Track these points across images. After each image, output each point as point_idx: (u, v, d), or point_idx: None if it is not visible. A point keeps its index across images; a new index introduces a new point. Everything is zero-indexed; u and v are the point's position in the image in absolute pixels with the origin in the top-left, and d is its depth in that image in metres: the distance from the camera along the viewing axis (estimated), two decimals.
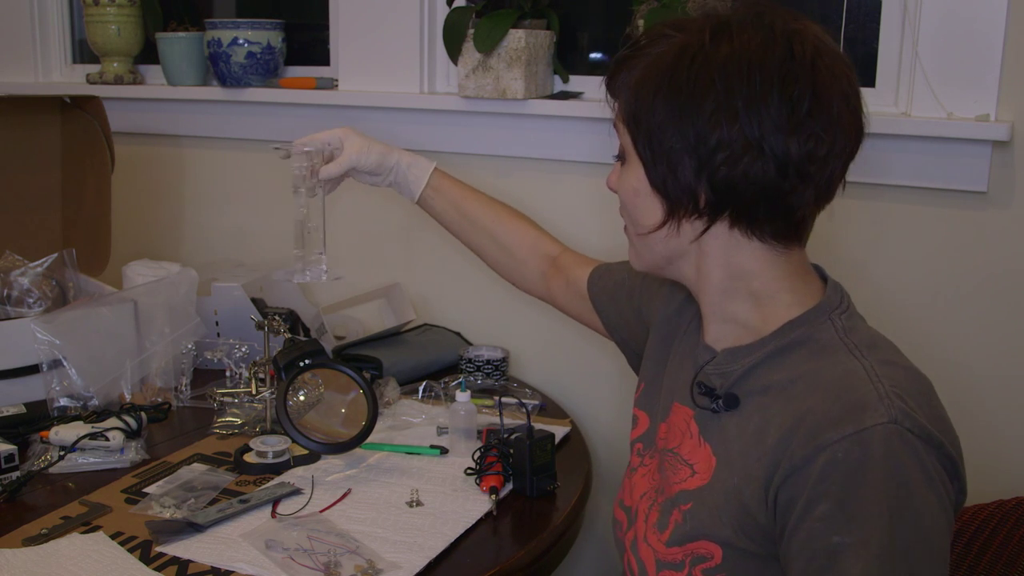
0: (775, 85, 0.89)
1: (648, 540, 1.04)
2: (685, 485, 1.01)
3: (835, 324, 0.96)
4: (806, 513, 0.87)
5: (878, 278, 1.72)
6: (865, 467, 0.85)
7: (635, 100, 0.95)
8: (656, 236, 0.99)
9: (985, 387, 1.66)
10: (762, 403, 0.96)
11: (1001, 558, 1.35)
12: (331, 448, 1.45)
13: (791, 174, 0.91)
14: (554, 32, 1.94)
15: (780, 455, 0.90)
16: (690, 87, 0.91)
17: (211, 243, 2.39)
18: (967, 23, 1.58)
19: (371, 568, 1.18)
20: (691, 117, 0.91)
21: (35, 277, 1.79)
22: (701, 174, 0.92)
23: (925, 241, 1.68)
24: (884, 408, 0.87)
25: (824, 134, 0.91)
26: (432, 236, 2.12)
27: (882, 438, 0.85)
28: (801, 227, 0.98)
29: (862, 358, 0.92)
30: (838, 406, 0.88)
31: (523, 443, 1.39)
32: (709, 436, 1.01)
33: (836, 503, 0.85)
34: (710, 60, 0.91)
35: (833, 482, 0.85)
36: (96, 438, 1.46)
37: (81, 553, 1.21)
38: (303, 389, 1.58)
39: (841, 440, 0.86)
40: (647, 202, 0.98)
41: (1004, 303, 1.64)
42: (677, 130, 0.92)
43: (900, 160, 1.66)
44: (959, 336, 1.67)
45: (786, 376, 0.95)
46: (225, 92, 2.22)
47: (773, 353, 0.97)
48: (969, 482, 0.94)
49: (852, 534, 0.84)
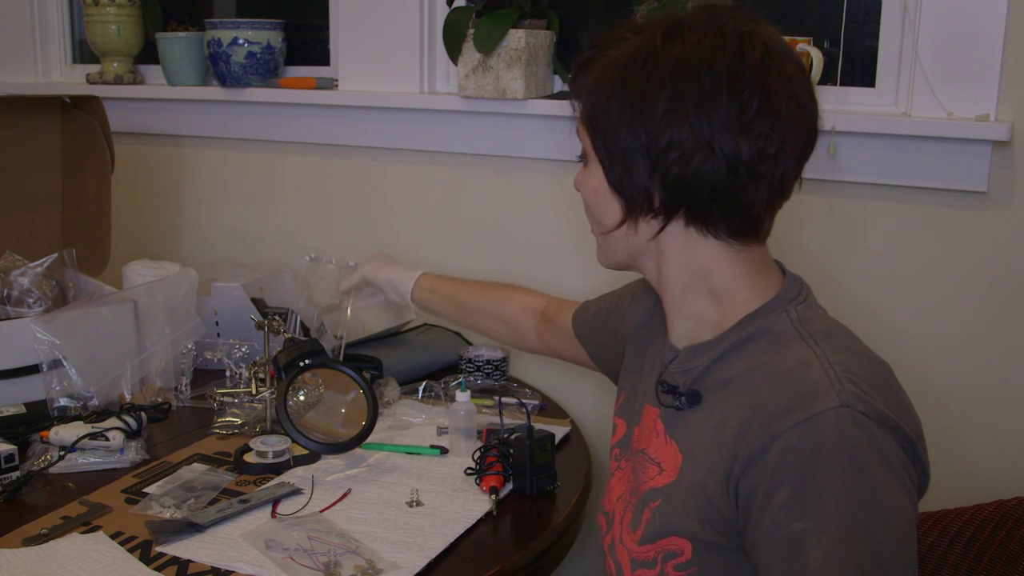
0: (724, 85, 0.91)
1: (623, 541, 1.05)
2: (653, 483, 1.02)
3: (790, 315, 0.98)
4: (766, 502, 0.88)
5: (878, 278, 1.72)
6: (818, 452, 0.85)
7: (592, 102, 0.98)
8: (616, 235, 1.02)
9: (985, 387, 1.66)
10: (722, 397, 0.97)
11: (1001, 558, 1.35)
12: (331, 448, 1.45)
13: (742, 173, 0.92)
14: (554, 32, 1.94)
15: (738, 446, 0.91)
16: (642, 88, 0.93)
17: (211, 243, 2.39)
18: (967, 23, 1.58)
19: (371, 568, 1.18)
20: (643, 118, 0.93)
21: (35, 277, 1.79)
22: (654, 174, 0.94)
23: (925, 241, 1.68)
24: (835, 393, 0.87)
25: (774, 133, 0.92)
26: (432, 236, 2.12)
27: (833, 422, 0.86)
28: (757, 225, 0.99)
29: (815, 346, 0.93)
30: (791, 394, 0.89)
31: (523, 443, 1.39)
32: (675, 434, 1.02)
33: (794, 490, 0.86)
34: (661, 61, 0.92)
35: (789, 469, 0.86)
36: (96, 438, 1.46)
37: (81, 553, 1.21)
38: (303, 389, 1.58)
39: (794, 427, 0.87)
40: (606, 201, 1.01)
41: (1004, 303, 1.64)
42: (630, 131, 0.94)
43: (900, 160, 1.66)
44: (959, 336, 1.67)
45: (743, 369, 0.96)
46: (225, 92, 2.22)
47: (731, 347, 0.98)
48: (968, 482, 0.94)
49: (812, 520, 0.85)
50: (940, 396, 1.69)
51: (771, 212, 0.99)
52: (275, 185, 2.29)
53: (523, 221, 2.00)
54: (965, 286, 1.66)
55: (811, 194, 1.73)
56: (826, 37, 1.79)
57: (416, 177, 2.11)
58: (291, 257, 2.28)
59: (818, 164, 1.71)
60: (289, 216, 2.29)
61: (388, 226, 2.16)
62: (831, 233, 1.74)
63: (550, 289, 1.97)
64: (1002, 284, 1.63)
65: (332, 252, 2.24)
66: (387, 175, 2.15)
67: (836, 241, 1.74)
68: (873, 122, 1.66)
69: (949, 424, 1.69)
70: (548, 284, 1.98)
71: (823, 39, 1.78)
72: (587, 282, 1.91)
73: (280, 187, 2.29)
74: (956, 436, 1.69)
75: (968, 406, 1.68)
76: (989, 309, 1.65)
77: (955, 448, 1.69)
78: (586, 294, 1.43)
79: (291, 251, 2.29)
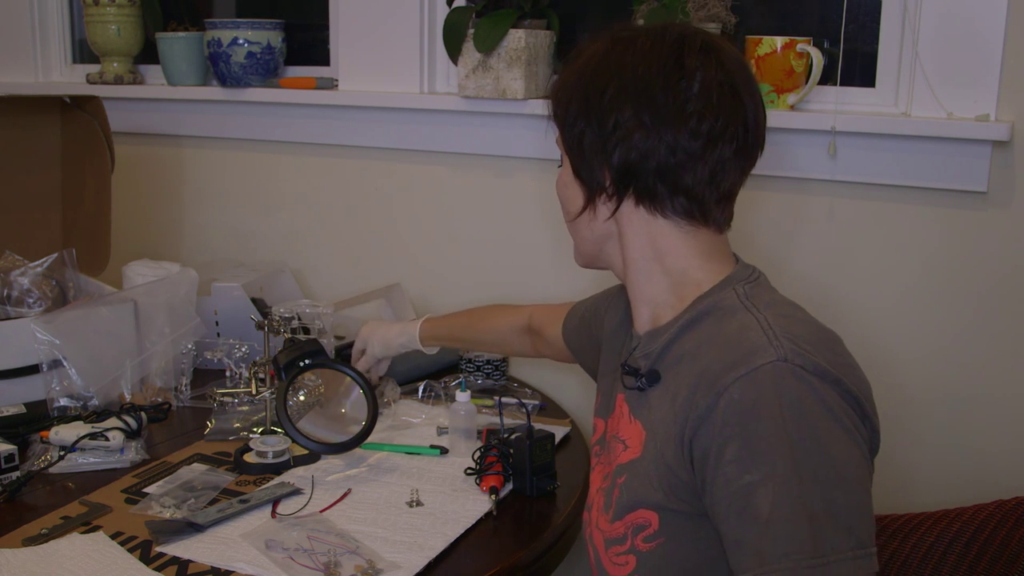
0: (661, 73, 1.01)
1: (599, 525, 1.08)
2: (619, 459, 1.06)
3: (737, 292, 1.03)
4: (718, 460, 0.91)
5: (878, 278, 1.72)
6: (759, 403, 0.89)
7: (556, 99, 1.09)
8: (581, 221, 1.10)
9: (985, 387, 1.66)
10: (677, 371, 1.01)
11: (1001, 558, 1.35)
12: (331, 448, 1.45)
13: (679, 151, 1.01)
14: (554, 32, 1.94)
15: (688, 410, 0.95)
16: (593, 81, 1.04)
17: (211, 243, 2.39)
18: (967, 23, 1.58)
19: (371, 568, 1.18)
20: (595, 104, 1.03)
21: (35, 277, 1.79)
22: (603, 155, 1.04)
23: (925, 241, 1.68)
24: (773, 349, 0.92)
25: (707, 115, 1.00)
26: (432, 236, 2.12)
27: (771, 374, 0.90)
28: (703, 207, 1.04)
29: (757, 313, 0.98)
30: (731, 354, 0.94)
31: (523, 443, 1.39)
32: (638, 413, 1.06)
33: (740, 443, 0.89)
34: (611, 60, 1.04)
35: (735, 424, 0.90)
36: (96, 438, 1.46)
37: (81, 553, 1.21)
38: (303, 389, 1.58)
39: (735, 382, 0.91)
40: (572, 191, 1.10)
41: (1004, 303, 1.64)
42: (584, 118, 1.04)
43: (900, 160, 1.66)
44: (959, 336, 1.67)
45: (694, 343, 1.01)
46: (225, 92, 2.22)
47: (685, 325, 1.03)
48: (968, 483, 0.94)
49: (759, 470, 0.88)
50: (940, 396, 1.69)
51: (718, 197, 1.04)
52: (275, 185, 2.29)
53: (523, 221, 2.00)
54: (965, 286, 1.66)
55: (811, 194, 1.73)
56: (826, 37, 1.79)
57: (416, 177, 2.11)
58: (291, 257, 2.28)
59: (818, 164, 1.71)
60: (289, 216, 2.29)
61: (388, 226, 2.16)
62: (831, 233, 1.74)
63: (550, 289, 1.98)
64: (1002, 284, 1.63)
65: (332, 252, 2.24)
66: (387, 175, 2.15)
67: (836, 241, 1.74)
68: (873, 122, 1.66)
69: (949, 424, 1.69)
70: (547, 284, 1.99)
71: (823, 39, 1.78)
72: (586, 282, 1.91)
73: (280, 187, 2.29)
74: (955, 436, 1.69)
75: (968, 406, 1.68)
76: (989, 309, 1.65)
77: (955, 448, 1.69)
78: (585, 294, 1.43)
79: (291, 251, 2.29)
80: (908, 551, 1.40)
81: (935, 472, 1.71)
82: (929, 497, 1.66)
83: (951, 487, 1.68)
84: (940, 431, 1.71)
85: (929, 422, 1.71)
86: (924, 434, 1.71)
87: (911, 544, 1.40)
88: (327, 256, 2.25)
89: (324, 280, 2.26)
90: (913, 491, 1.72)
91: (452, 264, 2.10)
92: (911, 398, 1.71)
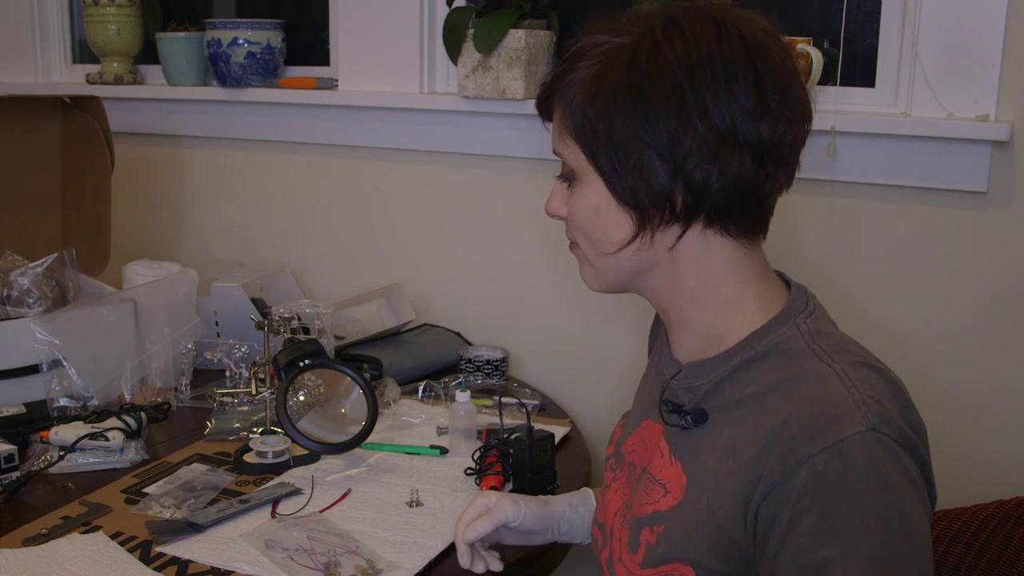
0: (739, 72, 0.88)
1: (623, 560, 1.03)
2: (658, 506, 0.99)
3: (800, 330, 0.94)
4: (790, 529, 0.85)
5: (878, 278, 1.72)
6: (847, 478, 0.83)
7: (590, 113, 0.92)
8: (626, 252, 0.96)
9: (985, 388, 1.66)
10: (733, 418, 0.93)
11: (1001, 558, 1.36)
12: (331, 448, 1.45)
13: (767, 160, 0.90)
14: (554, 32, 1.94)
15: (759, 471, 0.88)
16: (653, 88, 0.88)
17: (211, 243, 2.39)
18: (967, 23, 1.58)
19: (371, 568, 1.18)
20: (660, 119, 0.88)
21: (35, 277, 1.79)
22: (676, 177, 0.90)
23: (925, 241, 1.68)
24: (861, 415, 0.85)
25: (790, 115, 0.91)
26: (432, 236, 2.12)
27: (862, 446, 0.83)
28: (768, 217, 0.97)
29: (833, 363, 0.90)
30: (814, 417, 0.86)
31: (523, 443, 1.39)
32: (679, 454, 0.98)
33: (821, 516, 0.83)
34: (668, 57, 0.89)
35: (816, 496, 0.84)
36: (96, 438, 1.46)
37: (81, 553, 1.21)
38: (303, 389, 1.58)
39: (821, 452, 0.84)
40: (612, 218, 0.94)
41: (1004, 303, 1.64)
42: (647, 135, 0.89)
43: (900, 160, 1.66)
44: (959, 336, 1.67)
45: (756, 389, 0.92)
46: (225, 92, 2.22)
47: (740, 365, 0.95)
48: (968, 483, 0.94)
49: (839, 547, 0.83)
50: (940, 396, 1.69)
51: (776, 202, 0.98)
52: (275, 185, 2.29)
53: (523, 222, 2.00)
54: (965, 286, 1.66)
55: (811, 194, 1.73)
56: (826, 37, 1.79)
57: (416, 177, 2.11)
58: (291, 257, 2.28)
59: (818, 164, 1.70)
60: (289, 216, 2.29)
61: (388, 226, 2.16)
62: (831, 233, 1.74)
63: (549, 289, 1.98)
64: (1002, 284, 1.63)
65: (332, 252, 2.24)
66: (387, 175, 2.15)
67: (836, 241, 1.74)
68: (873, 122, 1.66)
69: (949, 424, 1.69)
70: (547, 284, 1.99)
71: (823, 39, 1.78)
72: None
73: (280, 187, 2.29)
74: (955, 436, 1.69)
75: (968, 406, 1.68)
76: (989, 309, 1.65)
77: (955, 448, 1.69)
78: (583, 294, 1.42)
79: (291, 251, 2.29)
80: None
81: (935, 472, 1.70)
82: None
83: (951, 487, 1.67)
84: (939, 431, 1.70)
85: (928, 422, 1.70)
86: None
87: None
88: (327, 256, 2.25)
89: (324, 280, 2.26)
90: None
91: (452, 264, 2.10)
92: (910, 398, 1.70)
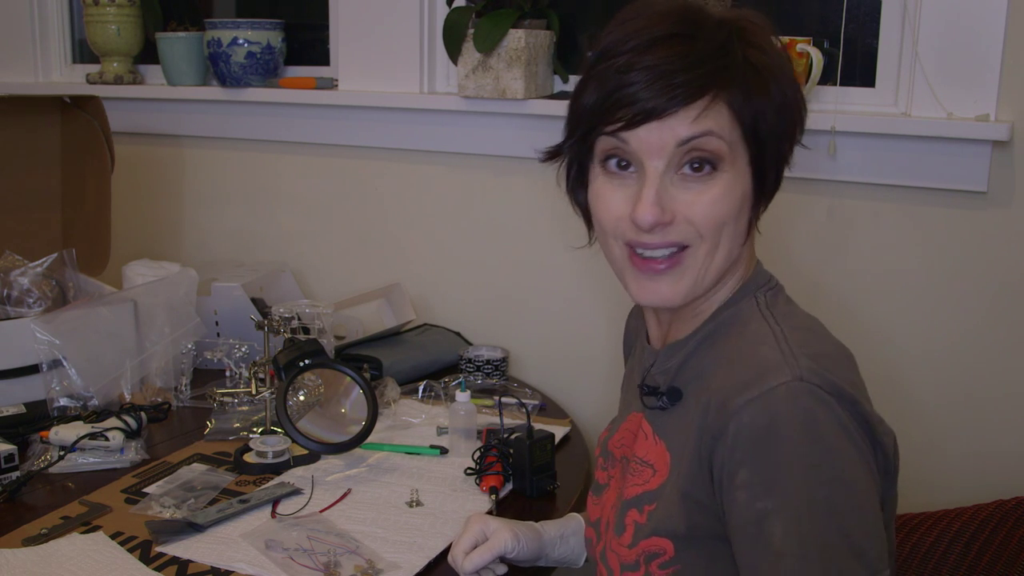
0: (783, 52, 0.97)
1: (612, 547, 1.04)
2: (648, 486, 1.00)
3: (758, 301, 0.97)
4: (730, 484, 0.87)
5: (878, 278, 1.72)
6: (773, 428, 0.84)
7: (775, 115, 0.94)
8: (746, 244, 0.98)
9: (985, 387, 1.66)
10: (699, 387, 0.96)
11: (1001, 558, 1.35)
12: (331, 448, 1.45)
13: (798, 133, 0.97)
14: (554, 32, 1.94)
15: (703, 430, 0.91)
16: (769, 66, 0.93)
17: (211, 243, 2.39)
18: (967, 23, 1.58)
19: (371, 568, 1.18)
20: (789, 97, 0.94)
21: (35, 277, 1.79)
22: (790, 142, 0.96)
23: (925, 241, 1.68)
24: (788, 367, 0.86)
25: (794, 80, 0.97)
26: (432, 236, 2.12)
27: (786, 395, 0.84)
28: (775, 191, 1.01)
29: (774, 324, 0.93)
30: (744, 370, 0.88)
31: (523, 443, 1.39)
32: (662, 433, 1.01)
33: (752, 469, 0.85)
34: (762, 39, 0.94)
35: (746, 448, 0.85)
36: (96, 438, 1.46)
37: (81, 553, 1.21)
38: (303, 389, 1.58)
39: (747, 404, 0.85)
40: (743, 207, 0.94)
41: (1004, 303, 1.64)
42: (789, 116, 0.95)
43: (900, 160, 1.66)
44: (959, 336, 1.67)
45: (714, 358, 0.96)
46: (225, 92, 2.22)
47: (704, 339, 0.98)
48: (968, 483, 0.93)
49: (773, 498, 0.84)
50: (939, 396, 1.69)
51: None
52: (275, 185, 2.29)
53: (523, 222, 2.00)
54: (965, 286, 1.66)
55: (811, 194, 1.73)
56: (826, 37, 1.79)
57: (416, 177, 2.11)
58: (291, 257, 2.28)
59: (818, 164, 1.70)
60: (289, 216, 2.29)
61: (388, 226, 2.16)
62: (831, 233, 1.74)
63: (549, 289, 1.98)
64: (1002, 284, 1.63)
65: (332, 252, 2.24)
66: (387, 175, 2.15)
67: (836, 241, 1.74)
68: (873, 122, 1.66)
69: (948, 424, 1.69)
70: (547, 284, 1.99)
71: (823, 39, 1.78)
72: (584, 283, 1.92)
73: (280, 187, 2.29)
74: (955, 436, 1.69)
75: (968, 406, 1.68)
76: (989, 309, 1.65)
77: (954, 448, 1.69)
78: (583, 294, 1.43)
79: (291, 251, 2.29)
80: (908, 551, 1.40)
81: (935, 472, 1.70)
82: (929, 497, 1.66)
83: (951, 487, 1.68)
84: (939, 431, 1.71)
85: (928, 422, 1.71)
86: (923, 434, 1.70)
87: (911, 544, 1.40)
88: (327, 256, 2.25)
89: (324, 280, 2.26)
90: (913, 491, 1.72)
91: (452, 264, 2.10)
92: (909, 398, 1.70)
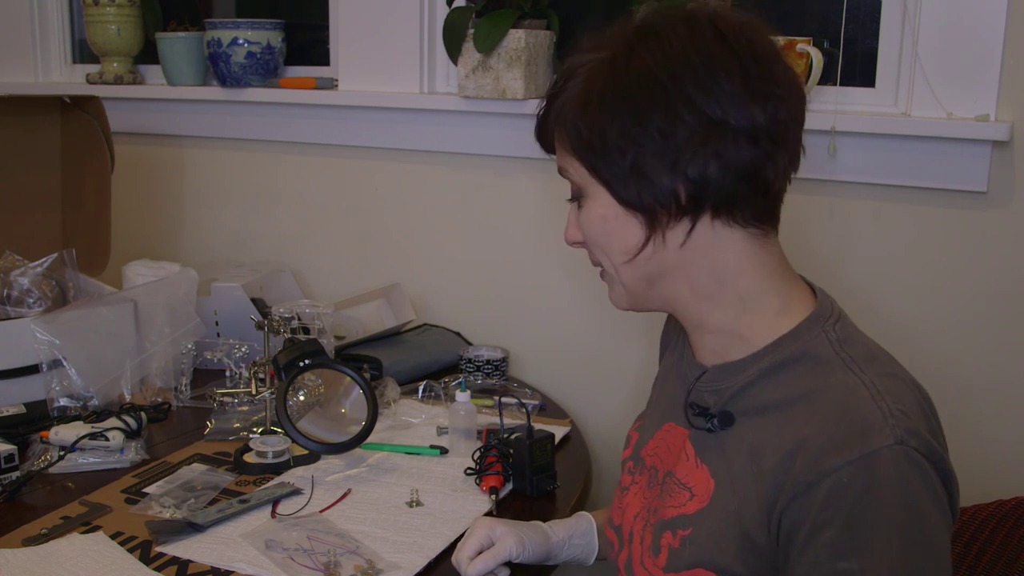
0: (717, 62, 0.89)
1: (644, 564, 1.02)
2: (684, 509, 0.98)
3: (829, 336, 0.94)
4: (811, 539, 0.85)
5: (878, 278, 1.72)
6: (872, 491, 0.83)
7: (582, 126, 0.93)
8: (642, 257, 0.96)
9: (984, 388, 1.66)
10: (760, 423, 0.93)
11: (1001, 558, 1.35)
12: (331, 448, 1.45)
13: (763, 141, 0.90)
14: (554, 32, 1.94)
15: (782, 479, 0.88)
16: (637, 89, 0.90)
17: (211, 243, 2.39)
18: (967, 23, 1.58)
19: (371, 568, 1.18)
20: (649, 118, 0.89)
21: (35, 277, 1.79)
22: (675, 171, 0.90)
23: (925, 241, 1.68)
24: (889, 429, 0.85)
25: (779, 92, 0.91)
26: (432, 236, 2.12)
27: (890, 460, 0.84)
28: (777, 202, 0.97)
29: (861, 373, 0.91)
30: (842, 428, 0.86)
31: (523, 443, 1.39)
32: (705, 457, 0.98)
33: (842, 529, 0.84)
34: (645, 60, 0.90)
35: (840, 507, 0.84)
36: (96, 438, 1.46)
37: (81, 553, 1.21)
38: (303, 389, 1.58)
39: (847, 465, 0.84)
40: (621, 225, 0.95)
41: (1004, 303, 1.64)
42: (639, 135, 0.90)
43: (900, 160, 1.66)
44: (958, 336, 1.67)
45: (783, 396, 0.92)
46: (225, 92, 2.22)
47: (768, 370, 0.94)
48: (968, 483, 0.93)
49: (860, 560, 0.83)
50: (939, 396, 1.68)
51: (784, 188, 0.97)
52: (275, 185, 2.29)
53: (523, 222, 2.00)
54: (965, 286, 1.66)
55: (811, 194, 1.73)
56: (826, 37, 1.79)
57: (415, 177, 2.11)
58: (291, 257, 2.28)
59: (818, 164, 1.70)
60: (289, 216, 2.29)
61: (387, 226, 2.16)
62: (831, 233, 1.74)
63: (549, 288, 1.98)
64: (1002, 284, 1.63)
65: (332, 252, 2.24)
66: (387, 175, 2.15)
67: (836, 241, 1.74)
68: (873, 122, 1.66)
69: (948, 424, 1.68)
70: (547, 284, 1.99)
71: (823, 39, 1.78)
72: (584, 283, 1.91)
73: (280, 187, 2.29)
74: (955, 435, 1.68)
75: (968, 406, 1.68)
76: (989, 309, 1.65)
77: (954, 448, 1.68)
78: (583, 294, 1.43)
79: (291, 251, 2.29)
80: None
81: None
82: None
83: None
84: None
85: None
86: None
87: None
88: (327, 256, 2.25)
89: (324, 280, 2.26)
90: None
91: (452, 264, 2.10)
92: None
